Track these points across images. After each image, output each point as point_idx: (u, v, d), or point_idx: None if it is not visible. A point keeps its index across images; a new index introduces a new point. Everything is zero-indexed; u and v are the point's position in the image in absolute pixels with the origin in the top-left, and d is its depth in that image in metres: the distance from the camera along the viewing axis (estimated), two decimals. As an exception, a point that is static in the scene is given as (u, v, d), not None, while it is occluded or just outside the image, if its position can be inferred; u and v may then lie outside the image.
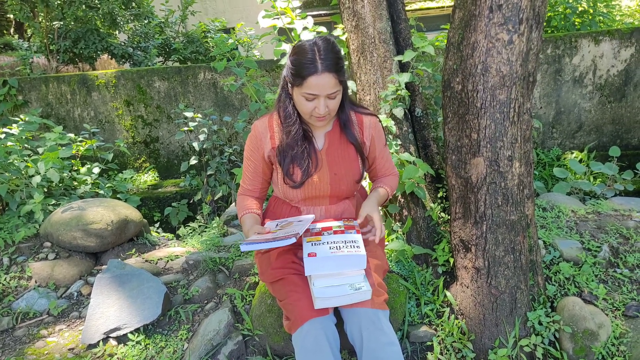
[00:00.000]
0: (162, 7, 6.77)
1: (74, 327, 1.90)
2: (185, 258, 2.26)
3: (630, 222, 2.16)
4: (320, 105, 1.30)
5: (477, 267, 1.64)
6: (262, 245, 1.23)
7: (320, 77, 1.25)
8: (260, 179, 1.53)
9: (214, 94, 4.41)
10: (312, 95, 1.29)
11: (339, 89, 1.31)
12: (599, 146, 4.30)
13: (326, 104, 1.31)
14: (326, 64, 1.25)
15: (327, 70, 1.25)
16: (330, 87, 1.28)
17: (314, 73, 1.25)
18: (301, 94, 1.31)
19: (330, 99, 1.31)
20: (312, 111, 1.33)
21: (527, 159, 1.59)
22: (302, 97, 1.31)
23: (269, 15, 2.24)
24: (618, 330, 1.62)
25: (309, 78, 1.26)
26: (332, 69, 1.26)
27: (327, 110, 1.32)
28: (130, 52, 6.06)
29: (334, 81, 1.28)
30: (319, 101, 1.30)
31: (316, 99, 1.30)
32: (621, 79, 4.15)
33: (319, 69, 1.25)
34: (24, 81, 4.35)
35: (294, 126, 1.40)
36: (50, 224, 2.33)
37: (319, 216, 1.52)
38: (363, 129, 1.49)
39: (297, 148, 1.41)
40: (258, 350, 1.68)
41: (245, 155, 1.53)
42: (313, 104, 1.31)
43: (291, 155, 1.41)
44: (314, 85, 1.27)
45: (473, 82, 1.50)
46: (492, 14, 1.42)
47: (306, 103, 1.32)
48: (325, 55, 1.26)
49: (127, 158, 4.53)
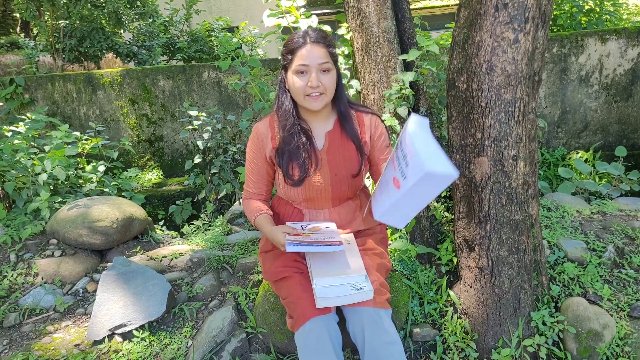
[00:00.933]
0: (166, 6, 6.80)
1: (80, 324, 1.92)
2: (190, 256, 2.27)
3: (636, 223, 2.14)
4: (313, 77, 1.32)
5: (480, 266, 1.63)
6: (308, 247, 1.27)
7: (310, 47, 1.32)
8: (265, 181, 1.53)
9: (218, 93, 4.42)
10: (304, 66, 1.32)
11: (330, 63, 1.35)
12: (605, 146, 4.27)
13: (319, 78, 1.32)
14: (315, 36, 1.34)
15: (316, 42, 1.33)
16: (321, 57, 1.32)
17: (303, 45, 1.33)
18: (293, 70, 1.34)
19: (323, 73, 1.34)
20: (305, 88, 1.34)
21: (532, 158, 1.59)
22: (294, 76, 1.34)
23: (273, 14, 2.25)
24: (623, 331, 1.61)
25: (298, 50, 1.32)
26: (321, 41, 1.33)
27: (321, 85, 1.33)
28: (135, 51, 6.09)
29: (324, 51, 1.33)
30: (311, 73, 1.32)
31: (308, 73, 1.32)
32: (628, 78, 4.12)
33: (308, 41, 1.33)
34: (30, 80, 4.39)
35: (289, 120, 1.41)
36: (57, 222, 2.35)
37: (323, 219, 1.53)
38: (363, 127, 1.49)
39: (293, 143, 1.41)
40: (261, 348, 1.69)
41: (248, 159, 1.52)
42: (305, 78, 1.33)
43: (288, 152, 1.41)
44: (305, 55, 1.32)
45: (478, 81, 1.49)
46: (497, 12, 1.42)
47: (299, 80, 1.34)
48: (314, 33, 1.35)
49: (132, 156, 4.55)
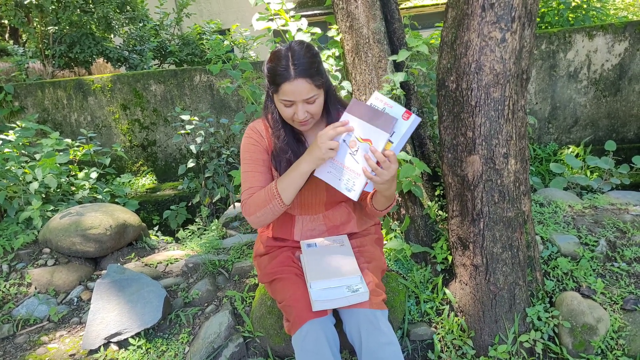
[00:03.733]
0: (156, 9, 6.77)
1: (75, 333, 1.91)
2: (185, 261, 2.26)
3: (627, 216, 2.17)
4: (299, 110, 1.28)
5: (475, 264, 1.64)
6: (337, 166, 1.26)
7: (294, 83, 1.23)
8: (269, 172, 1.45)
9: (210, 96, 4.41)
10: (289, 101, 1.28)
11: (316, 94, 1.28)
12: (595, 140, 4.32)
13: (305, 109, 1.29)
14: (299, 69, 1.23)
15: (300, 76, 1.23)
16: (306, 92, 1.25)
17: (286, 80, 1.24)
18: (279, 100, 1.30)
19: (309, 104, 1.29)
20: (292, 117, 1.32)
21: (523, 155, 1.60)
22: (280, 104, 1.31)
23: (262, 17, 2.24)
24: (617, 324, 1.63)
25: (282, 85, 1.25)
26: (305, 74, 1.24)
27: (307, 115, 1.31)
28: (125, 56, 6.06)
29: (309, 86, 1.25)
30: (296, 107, 1.28)
31: (294, 105, 1.29)
32: (616, 73, 4.17)
33: (291, 75, 1.23)
34: (19, 87, 4.35)
35: (281, 130, 1.39)
36: (49, 230, 2.33)
37: (318, 224, 1.53)
38: None
39: (289, 153, 1.39)
40: (259, 352, 1.69)
41: (247, 156, 1.44)
42: (292, 109, 1.30)
43: (286, 159, 1.40)
44: (289, 91, 1.25)
45: (467, 81, 1.51)
46: (484, 12, 1.43)
47: (285, 109, 1.31)
48: (299, 61, 1.23)
49: (125, 162, 4.53)
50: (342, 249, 1.45)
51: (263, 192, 1.35)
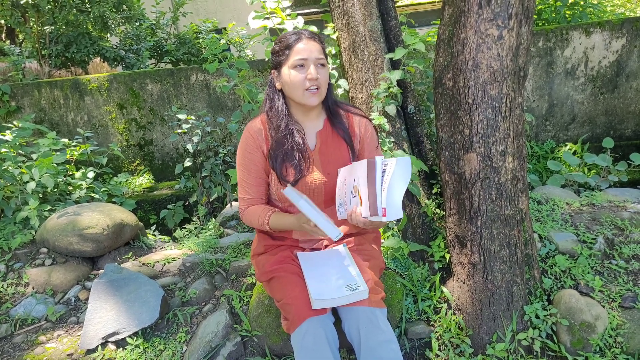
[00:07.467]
0: (153, 9, 6.75)
1: (73, 333, 1.90)
2: (182, 260, 2.26)
3: (625, 214, 2.17)
4: (312, 70, 1.34)
5: (473, 262, 1.64)
6: (315, 214, 1.23)
7: (306, 43, 1.35)
8: (265, 183, 1.48)
9: (206, 95, 4.40)
10: (302, 60, 1.34)
11: (324, 59, 1.38)
12: (593, 138, 4.32)
13: (317, 71, 1.35)
14: (309, 33, 1.38)
15: (312, 39, 1.36)
16: (318, 51, 1.36)
17: (299, 40, 1.35)
18: (291, 65, 1.35)
19: (320, 67, 1.36)
20: (304, 82, 1.34)
21: (520, 153, 1.60)
22: (292, 70, 1.35)
23: (259, 16, 2.24)
24: (615, 322, 1.63)
25: (296, 45, 1.35)
26: (316, 39, 1.38)
27: (319, 79, 1.35)
28: (122, 55, 6.04)
29: (320, 47, 1.37)
30: (309, 67, 1.35)
31: (306, 67, 1.35)
32: (613, 70, 4.17)
33: (303, 37, 1.36)
34: (16, 87, 4.33)
35: (283, 120, 1.41)
36: (46, 230, 2.33)
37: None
38: (353, 126, 1.50)
39: (287, 144, 1.40)
40: (257, 351, 1.69)
41: (242, 163, 1.45)
42: (304, 72, 1.35)
43: (283, 153, 1.40)
44: (303, 49, 1.34)
45: (464, 79, 1.50)
46: (481, 9, 1.42)
47: (297, 74, 1.35)
48: (307, 31, 1.40)
49: (122, 161, 4.51)
50: (339, 252, 1.46)
51: (257, 216, 1.45)
